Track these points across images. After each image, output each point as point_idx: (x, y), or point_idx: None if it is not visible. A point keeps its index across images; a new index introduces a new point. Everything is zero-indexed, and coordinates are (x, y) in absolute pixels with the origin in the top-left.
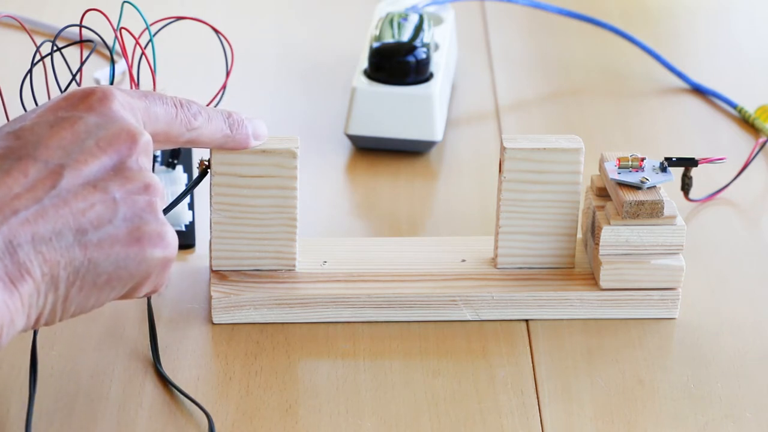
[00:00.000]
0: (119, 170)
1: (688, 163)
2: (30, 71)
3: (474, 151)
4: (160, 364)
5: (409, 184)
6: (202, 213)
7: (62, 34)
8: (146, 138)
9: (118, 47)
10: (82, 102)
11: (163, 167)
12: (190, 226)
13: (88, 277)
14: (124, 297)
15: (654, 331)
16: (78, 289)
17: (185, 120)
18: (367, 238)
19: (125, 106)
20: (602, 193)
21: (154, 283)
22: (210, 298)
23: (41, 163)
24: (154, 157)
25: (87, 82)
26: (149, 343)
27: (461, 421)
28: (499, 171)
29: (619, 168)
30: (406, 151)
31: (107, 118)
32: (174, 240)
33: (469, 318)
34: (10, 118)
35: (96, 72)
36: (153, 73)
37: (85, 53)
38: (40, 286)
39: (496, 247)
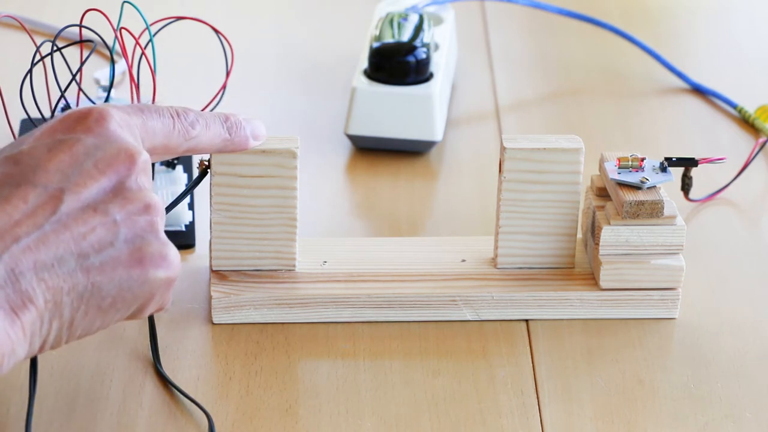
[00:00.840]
0: (119, 191)
1: (688, 163)
2: (30, 71)
3: (474, 151)
4: (160, 364)
5: (409, 184)
6: (202, 213)
7: (62, 34)
8: (144, 157)
9: (118, 47)
10: (79, 124)
11: (163, 167)
12: (190, 226)
13: (93, 301)
14: (129, 318)
15: (654, 331)
16: (83, 313)
17: (183, 130)
18: (367, 238)
19: (122, 125)
20: (602, 193)
21: (158, 303)
22: (210, 298)
23: (41, 188)
24: None
25: (87, 82)
26: (149, 343)
27: (461, 421)
28: (499, 171)
29: (619, 168)
30: (406, 151)
31: (104, 139)
32: (176, 259)
33: (469, 318)
34: (10, 118)
35: (96, 72)
36: (153, 73)
37: (85, 53)
38: (44, 314)
39: (496, 247)
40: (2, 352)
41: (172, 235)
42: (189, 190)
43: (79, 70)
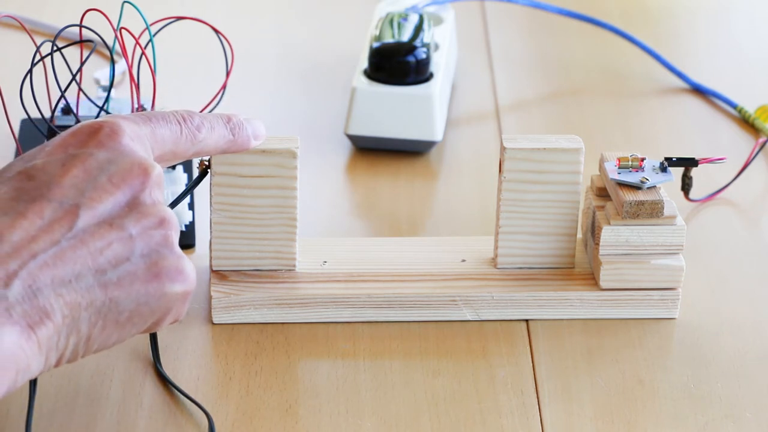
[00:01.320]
0: (133, 206)
1: (688, 163)
2: (30, 71)
3: (474, 151)
4: (160, 364)
5: (409, 184)
6: (202, 213)
7: (62, 34)
8: (157, 170)
9: (118, 47)
10: (91, 138)
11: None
12: (190, 226)
13: (110, 316)
14: (146, 331)
15: (654, 331)
16: (100, 328)
17: (190, 135)
18: (367, 238)
19: (134, 138)
20: (602, 193)
21: (174, 316)
22: (210, 298)
23: (56, 203)
24: None
25: (87, 82)
26: (149, 343)
27: (461, 421)
28: (499, 171)
29: (619, 168)
30: (406, 151)
31: (118, 153)
32: (192, 272)
33: (469, 318)
34: (10, 118)
35: (96, 72)
36: (153, 73)
37: (85, 53)
38: (61, 329)
39: (496, 247)
40: (17, 368)
41: None
42: (189, 190)
43: (79, 70)
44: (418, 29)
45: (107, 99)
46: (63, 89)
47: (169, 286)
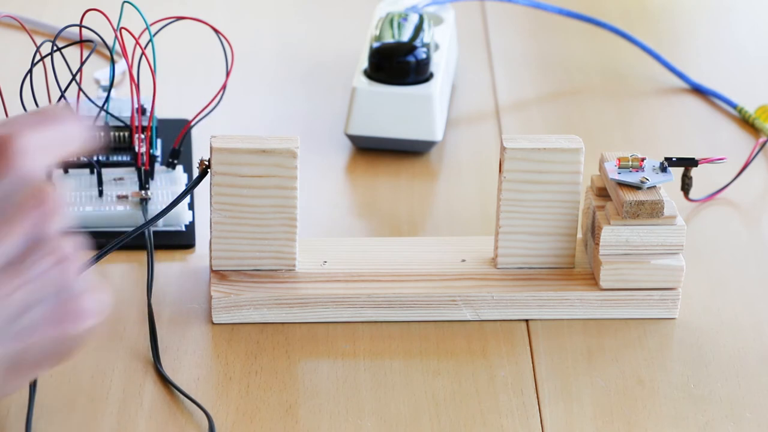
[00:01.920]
0: (33, 246)
1: (688, 163)
2: (30, 71)
3: (474, 151)
4: (160, 364)
5: (409, 184)
6: (202, 213)
7: (62, 34)
8: (54, 195)
9: (118, 47)
10: None
11: (163, 167)
12: (190, 226)
13: (16, 364)
14: (53, 366)
15: (654, 331)
16: (5, 379)
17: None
18: (367, 238)
19: (27, 153)
20: (602, 193)
21: (81, 348)
22: (210, 298)
23: None
24: (154, 157)
25: (87, 82)
26: (149, 343)
27: (461, 421)
28: (499, 171)
29: (619, 168)
30: (406, 151)
31: (12, 183)
32: (99, 302)
33: (469, 318)
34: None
35: (96, 72)
36: (153, 73)
37: (85, 53)
38: None
39: (496, 247)
40: None
41: (172, 235)
42: (189, 190)
43: (79, 70)
44: (418, 29)
45: (107, 99)
46: (63, 89)
47: (75, 328)
